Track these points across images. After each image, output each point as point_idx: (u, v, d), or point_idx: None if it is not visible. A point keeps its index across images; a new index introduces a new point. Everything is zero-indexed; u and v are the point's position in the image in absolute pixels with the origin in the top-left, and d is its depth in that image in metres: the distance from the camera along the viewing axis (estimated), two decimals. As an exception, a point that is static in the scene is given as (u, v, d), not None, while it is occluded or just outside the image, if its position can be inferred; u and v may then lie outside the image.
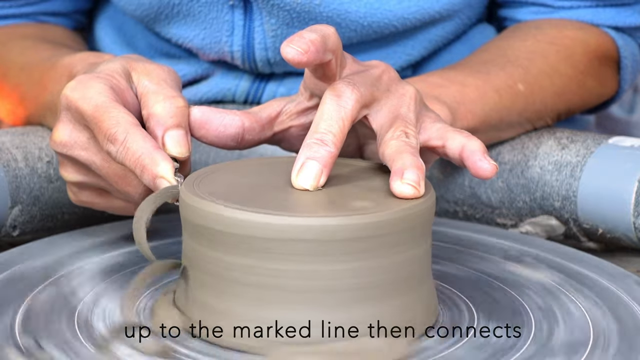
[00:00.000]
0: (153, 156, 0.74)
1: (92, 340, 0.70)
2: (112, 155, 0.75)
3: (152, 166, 0.74)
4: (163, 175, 0.73)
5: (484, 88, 0.95)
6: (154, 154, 0.74)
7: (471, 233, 0.91)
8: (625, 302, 0.76)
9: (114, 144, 0.75)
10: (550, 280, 0.80)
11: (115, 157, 0.75)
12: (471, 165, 0.75)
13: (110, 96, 0.77)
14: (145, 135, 0.75)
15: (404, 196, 0.71)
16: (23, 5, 1.11)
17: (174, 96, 0.78)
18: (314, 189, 0.72)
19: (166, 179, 0.73)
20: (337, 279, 0.68)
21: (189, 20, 1.04)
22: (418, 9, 1.02)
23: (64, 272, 0.80)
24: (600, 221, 0.91)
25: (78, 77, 0.78)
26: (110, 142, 0.75)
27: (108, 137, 0.75)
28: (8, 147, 0.92)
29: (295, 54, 0.72)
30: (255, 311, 0.68)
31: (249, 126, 0.80)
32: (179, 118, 0.77)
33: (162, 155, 0.74)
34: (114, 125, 0.75)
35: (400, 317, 0.70)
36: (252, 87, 1.07)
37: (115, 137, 0.75)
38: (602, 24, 1.06)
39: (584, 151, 0.93)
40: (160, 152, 0.74)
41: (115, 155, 0.75)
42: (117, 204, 0.82)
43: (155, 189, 0.74)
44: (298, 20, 1.01)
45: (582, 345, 0.70)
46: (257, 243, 0.67)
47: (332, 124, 0.73)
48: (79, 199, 0.83)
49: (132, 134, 0.74)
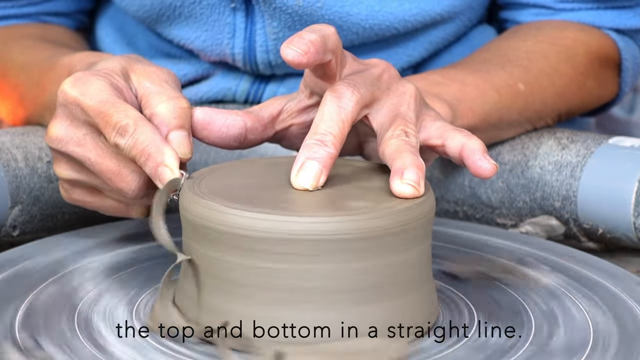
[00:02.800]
0: (159, 146, 0.74)
1: (92, 340, 0.70)
2: (120, 147, 0.75)
3: (158, 154, 0.73)
4: (168, 164, 0.73)
5: (484, 87, 0.95)
6: (161, 145, 0.74)
7: (471, 233, 0.91)
8: (625, 303, 0.76)
9: (124, 135, 0.75)
10: (550, 281, 0.80)
11: (123, 149, 0.75)
12: (471, 164, 0.75)
13: (113, 92, 0.77)
14: (153, 128, 0.75)
15: (403, 196, 0.71)
16: (25, 5, 1.11)
17: (178, 97, 0.78)
18: (314, 189, 0.72)
19: (170, 168, 0.73)
20: (337, 279, 0.68)
21: (190, 22, 1.04)
22: (419, 11, 1.02)
23: (64, 271, 0.80)
24: (600, 221, 0.91)
25: (76, 74, 0.78)
26: (119, 135, 0.75)
27: (118, 130, 0.75)
28: (8, 147, 0.92)
29: (295, 55, 0.72)
30: (255, 311, 0.68)
31: (251, 126, 0.80)
32: (182, 119, 0.77)
33: (168, 146, 0.74)
34: (123, 118, 0.75)
35: (400, 317, 0.70)
36: (253, 88, 1.07)
37: (126, 129, 0.74)
38: (603, 26, 1.06)
39: (584, 151, 0.93)
40: (168, 144, 0.74)
41: (124, 146, 0.75)
42: (109, 204, 0.81)
43: (156, 178, 0.74)
44: (300, 23, 1.01)
45: (581, 347, 0.70)
46: (257, 243, 0.67)
47: (332, 125, 0.73)
48: (71, 196, 0.82)
49: (141, 126, 0.75)
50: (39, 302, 0.75)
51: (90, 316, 0.73)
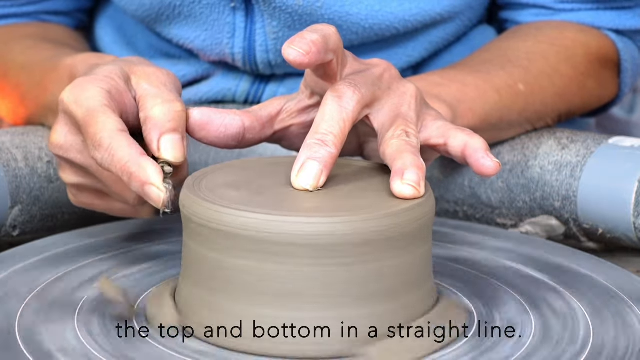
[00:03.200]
0: (140, 163, 0.72)
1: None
2: (98, 162, 0.74)
3: (140, 173, 0.72)
4: (152, 182, 0.72)
5: (484, 87, 0.95)
6: (140, 161, 0.72)
7: (471, 233, 0.91)
8: (625, 303, 0.76)
9: (98, 150, 0.73)
10: (550, 281, 0.80)
11: (101, 164, 0.74)
12: (474, 162, 0.75)
13: (104, 100, 0.76)
14: (130, 142, 0.73)
15: (403, 196, 0.71)
16: (24, 4, 1.11)
17: (173, 100, 0.77)
18: (314, 189, 0.72)
19: (155, 185, 0.72)
20: (337, 279, 0.68)
21: (190, 21, 1.04)
22: (419, 11, 1.02)
23: (64, 271, 0.80)
24: (600, 221, 0.91)
25: (76, 80, 0.78)
26: (95, 148, 0.74)
27: (93, 143, 0.74)
28: (8, 147, 0.92)
29: (297, 55, 0.72)
30: (255, 311, 0.68)
31: (249, 125, 0.79)
32: (176, 122, 0.76)
33: (148, 161, 0.72)
34: (99, 131, 0.73)
35: (400, 317, 0.70)
36: (253, 88, 1.07)
37: (100, 143, 0.73)
38: (603, 26, 1.06)
39: (584, 151, 0.93)
40: (146, 159, 0.72)
41: (101, 161, 0.74)
42: (117, 206, 0.81)
43: (145, 196, 0.72)
44: (300, 23, 1.01)
45: (581, 348, 0.70)
46: (256, 243, 0.67)
47: (333, 125, 0.73)
48: (79, 200, 0.82)
49: (117, 140, 0.73)
50: (40, 302, 0.75)
51: (90, 316, 0.73)
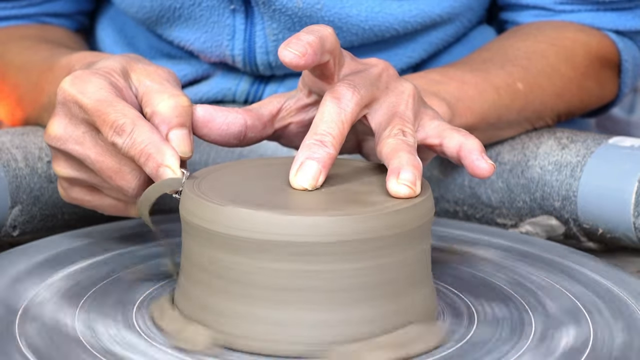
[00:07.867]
0: (159, 146, 0.74)
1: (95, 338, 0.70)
2: (118, 146, 0.75)
3: (158, 155, 0.73)
4: (169, 165, 0.73)
5: (483, 85, 0.95)
6: (160, 145, 0.74)
7: (471, 233, 0.91)
8: (625, 303, 0.76)
9: (121, 135, 0.74)
10: (550, 281, 0.80)
11: (121, 148, 0.75)
12: (469, 164, 0.75)
13: (112, 91, 0.77)
14: (152, 127, 0.75)
15: (399, 196, 0.71)
16: (25, 6, 1.11)
17: (179, 95, 0.78)
18: (312, 189, 0.72)
19: (171, 168, 0.73)
20: (336, 279, 0.68)
21: (190, 23, 1.04)
22: (419, 13, 1.03)
23: (64, 271, 0.80)
24: (600, 221, 0.91)
25: (75, 72, 0.78)
26: (117, 134, 0.75)
27: (115, 129, 0.75)
28: (8, 147, 0.92)
29: (293, 57, 0.72)
30: (255, 311, 0.68)
31: (251, 124, 0.80)
32: (183, 117, 0.77)
33: (168, 146, 0.74)
34: (121, 117, 0.75)
35: (400, 317, 0.70)
36: (252, 88, 1.07)
37: (123, 129, 0.74)
38: (603, 27, 1.06)
39: (584, 151, 0.93)
40: (167, 144, 0.74)
41: (122, 146, 0.75)
42: (107, 202, 0.81)
43: (157, 179, 0.74)
44: (299, 25, 1.01)
45: (582, 348, 0.70)
46: (255, 243, 0.67)
47: (332, 126, 0.73)
48: (69, 195, 0.82)
49: (139, 125, 0.74)
50: (40, 301, 0.75)
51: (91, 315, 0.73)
